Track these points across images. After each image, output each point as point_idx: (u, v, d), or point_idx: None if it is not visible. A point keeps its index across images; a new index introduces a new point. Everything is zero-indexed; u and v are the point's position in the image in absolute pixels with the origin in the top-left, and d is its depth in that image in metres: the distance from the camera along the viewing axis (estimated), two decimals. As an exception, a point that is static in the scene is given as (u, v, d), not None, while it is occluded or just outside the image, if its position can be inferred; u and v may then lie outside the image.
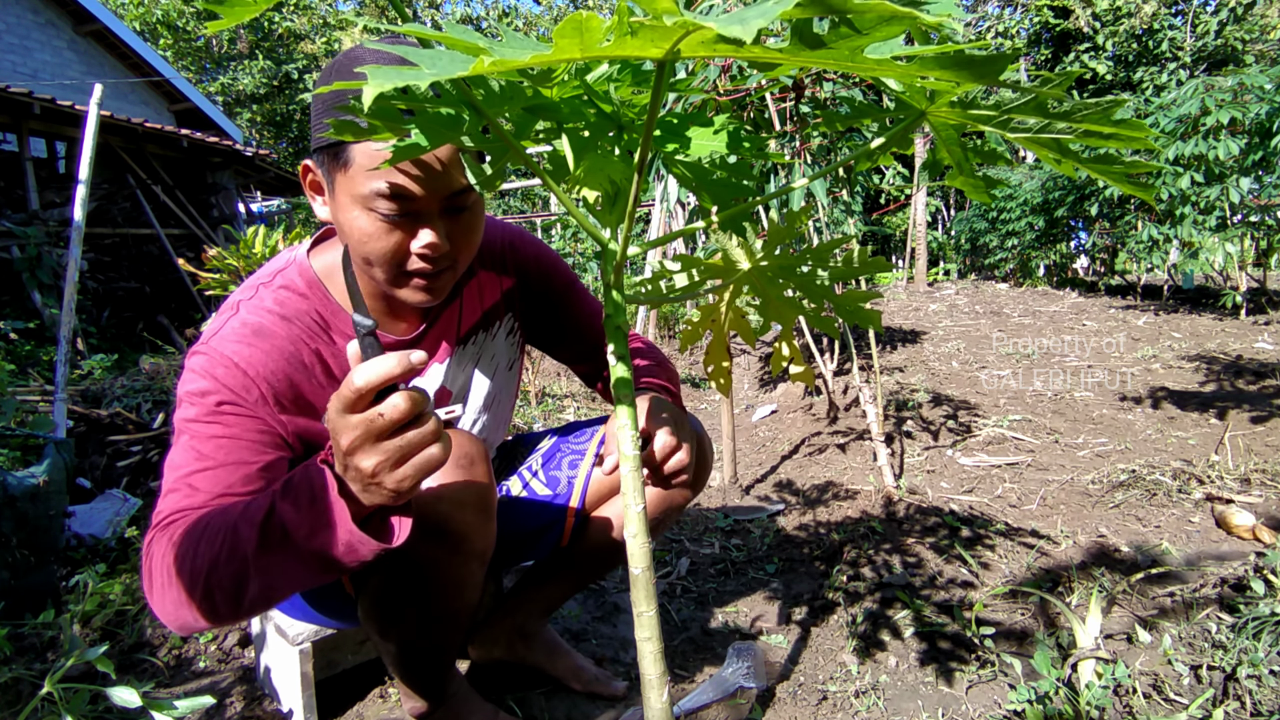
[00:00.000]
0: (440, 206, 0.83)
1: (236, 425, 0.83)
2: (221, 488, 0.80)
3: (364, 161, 0.79)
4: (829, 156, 2.40)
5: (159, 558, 0.76)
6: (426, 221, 0.83)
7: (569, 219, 7.72)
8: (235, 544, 0.71)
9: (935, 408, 3.13)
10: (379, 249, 0.83)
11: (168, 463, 0.83)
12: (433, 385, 1.04)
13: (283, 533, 0.69)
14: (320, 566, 0.70)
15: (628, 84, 0.62)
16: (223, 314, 0.91)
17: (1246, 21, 12.74)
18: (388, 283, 0.87)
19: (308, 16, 19.54)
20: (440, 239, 0.83)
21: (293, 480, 0.72)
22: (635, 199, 0.59)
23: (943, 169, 0.67)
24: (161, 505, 0.81)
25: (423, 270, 0.85)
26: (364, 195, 0.80)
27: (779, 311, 0.79)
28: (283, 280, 0.94)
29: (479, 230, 0.90)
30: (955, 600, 1.55)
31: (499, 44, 0.37)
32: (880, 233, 14.85)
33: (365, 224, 0.82)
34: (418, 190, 0.79)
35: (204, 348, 0.86)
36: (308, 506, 0.69)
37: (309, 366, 0.91)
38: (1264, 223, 5.21)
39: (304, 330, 0.91)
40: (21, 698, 1.32)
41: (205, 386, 0.83)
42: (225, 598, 0.72)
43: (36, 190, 6.50)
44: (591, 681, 1.31)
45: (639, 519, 0.70)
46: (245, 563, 0.70)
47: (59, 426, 2.31)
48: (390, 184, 0.78)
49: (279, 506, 0.70)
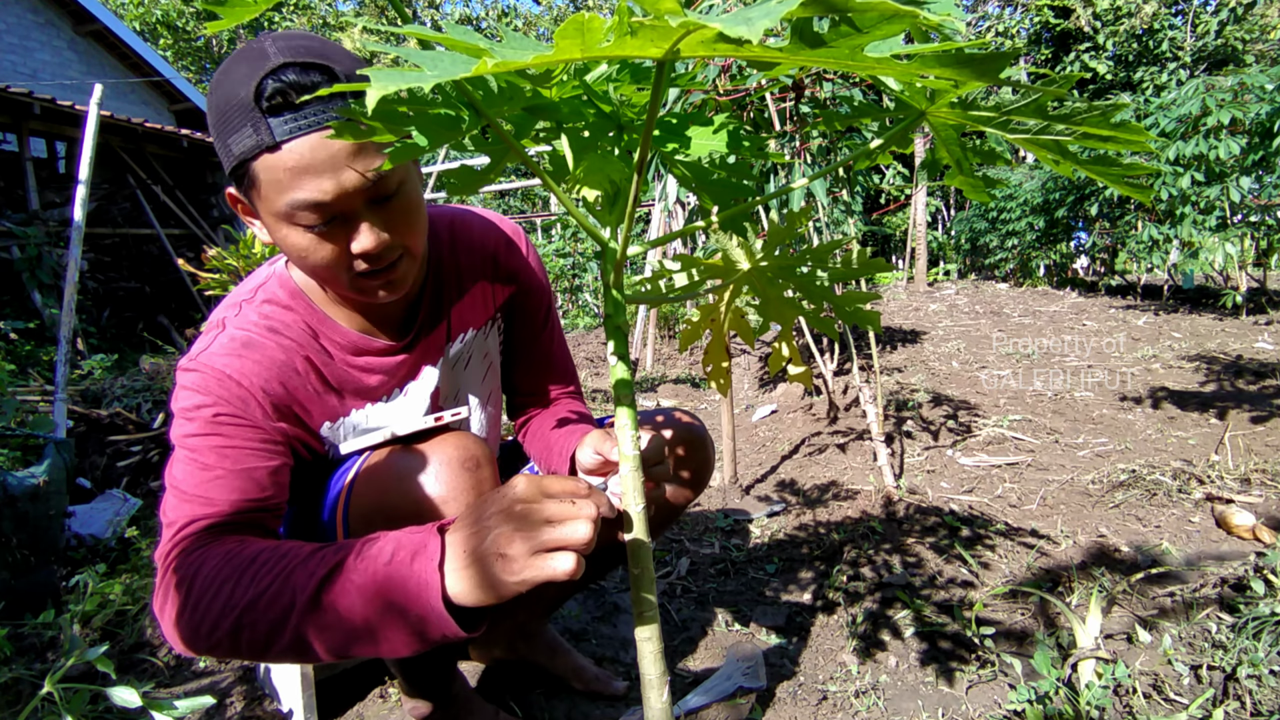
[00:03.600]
0: (362, 202, 0.78)
1: (238, 435, 0.82)
2: (238, 495, 0.79)
3: (268, 178, 0.75)
4: (829, 156, 2.40)
5: (185, 577, 0.71)
6: (356, 222, 0.79)
7: (569, 219, 7.72)
8: (284, 588, 0.67)
9: (935, 408, 3.13)
10: (319, 260, 0.80)
11: (170, 478, 0.81)
12: (427, 388, 1.02)
13: (344, 592, 0.65)
14: (371, 640, 0.65)
15: (627, 83, 0.62)
16: (209, 331, 0.89)
17: (1247, 21, 12.74)
18: (347, 288, 0.84)
19: (307, 17, 19.55)
20: (376, 235, 0.79)
21: (378, 544, 0.67)
22: (635, 199, 0.59)
23: (942, 169, 0.67)
24: (174, 514, 0.78)
25: (375, 269, 0.82)
26: (283, 212, 0.76)
27: (778, 312, 0.79)
28: (265, 295, 0.92)
29: (418, 210, 0.85)
30: (955, 600, 1.55)
31: (500, 45, 0.38)
32: (880, 233, 14.85)
33: (297, 239, 0.78)
34: (328, 196, 0.75)
35: (194, 364, 0.84)
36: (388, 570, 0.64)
37: (302, 374, 0.90)
38: (1264, 223, 5.21)
39: (293, 340, 0.89)
40: (21, 698, 1.32)
41: (201, 400, 0.82)
42: (252, 639, 0.68)
43: (36, 190, 6.51)
44: (592, 681, 1.31)
45: (639, 519, 0.70)
46: (289, 611, 0.66)
47: (59, 426, 2.31)
48: (299, 198, 0.74)
49: (350, 563, 0.66)
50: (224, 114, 0.74)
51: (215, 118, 0.76)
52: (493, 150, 0.62)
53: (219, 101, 0.75)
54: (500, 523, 0.63)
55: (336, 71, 0.74)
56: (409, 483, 0.86)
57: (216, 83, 0.76)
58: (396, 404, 0.99)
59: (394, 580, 0.64)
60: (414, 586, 0.63)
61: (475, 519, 0.65)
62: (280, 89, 0.71)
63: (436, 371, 1.03)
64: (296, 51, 0.73)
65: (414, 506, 0.86)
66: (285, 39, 0.75)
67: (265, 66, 0.72)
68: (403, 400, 1.00)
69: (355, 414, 0.96)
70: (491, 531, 0.63)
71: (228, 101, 0.74)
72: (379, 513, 0.87)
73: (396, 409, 0.99)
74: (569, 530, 0.62)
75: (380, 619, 0.65)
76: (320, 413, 0.92)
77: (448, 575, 0.64)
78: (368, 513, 0.88)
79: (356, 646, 0.66)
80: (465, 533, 0.65)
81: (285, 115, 0.72)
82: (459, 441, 0.90)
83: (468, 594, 0.63)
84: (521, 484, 0.65)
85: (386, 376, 0.97)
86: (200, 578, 0.71)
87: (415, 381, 1.01)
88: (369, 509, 0.88)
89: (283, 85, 0.71)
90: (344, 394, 0.94)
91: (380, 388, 0.97)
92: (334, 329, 0.93)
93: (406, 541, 0.66)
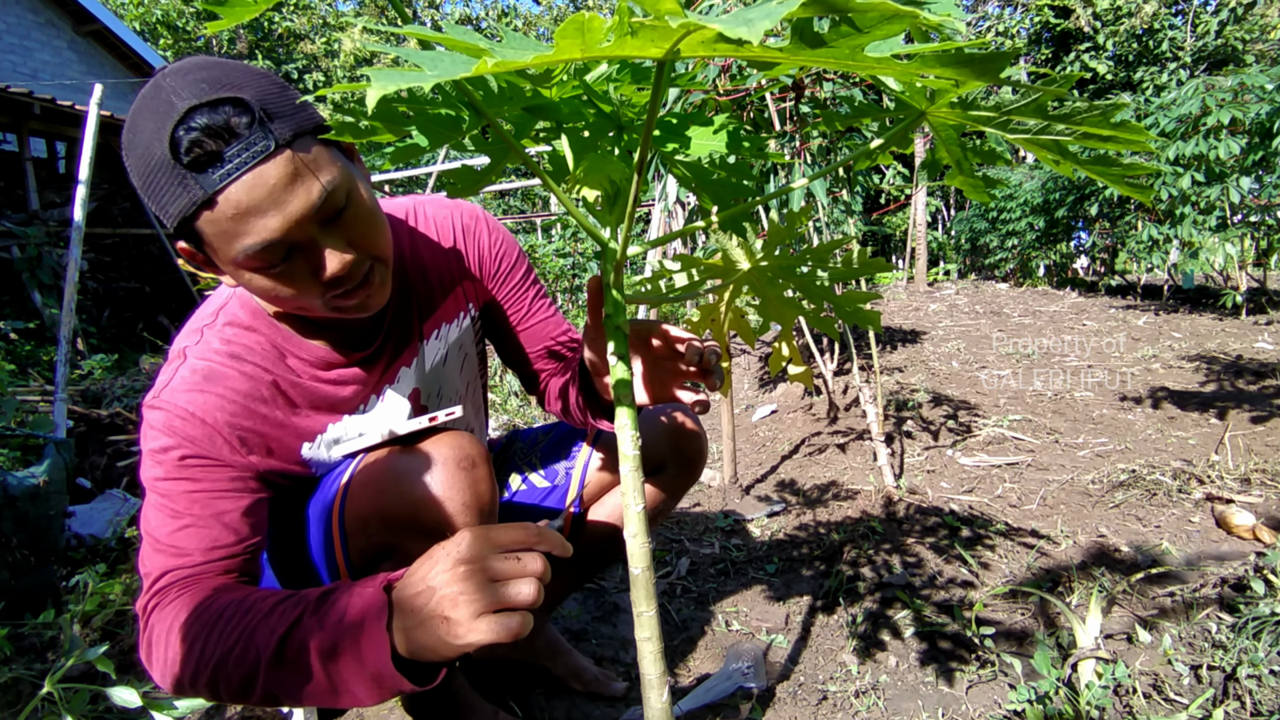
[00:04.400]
0: (316, 226, 0.73)
1: (205, 478, 0.80)
2: (208, 543, 0.78)
3: (212, 231, 0.70)
4: (829, 156, 2.40)
5: (161, 634, 0.73)
6: (315, 248, 0.74)
7: (568, 219, 7.71)
8: (249, 647, 0.68)
9: (935, 408, 3.13)
10: (288, 296, 0.77)
11: (145, 525, 0.80)
12: (405, 389, 1.00)
13: (302, 651, 0.66)
14: (334, 693, 0.67)
15: (627, 82, 0.62)
16: (171, 363, 0.86)
17: (1247, 21, 12.74)
18: (325, 312, 0.81)
19: (307, 17, 19.56)
20: (339, 257, 0.75)
21: (330, 600, 0.68)
22: (635, 199, 0.59)
23: (942, 169, 0.67)
24: (149, 565, 0.78)
25: (349, 288, 0.79)
26: (238, 260, 0.72)
27: (779, 312, 0.79)
28: (226, 317, 0.88)
29: (374, 215, 0.80)
30: (955, 600, 1.55)
31: (501, 45, 0.38)
32: (880, 233, 14.85)
33: (261, 282, 0.75)
34: (278, 234, 0.70)
35: (158, 401, 0.81)
36: (338, 630, 0.66)
37: (269, 400, 0.86)
38: (1264, 223, 5.21)
39: (257, 364, 0.86)
40: (21, 698, 1.32)
41: (167, 443, 0.80)
42: (230, 691, 0.70)
43: (36, 190, 6.51)
44: (592, 681, 1.31)
45: (639, 519, 0.70)
46: (256, 669, 0.68)
47: (59, 426, 2.31)
48: (249, 244, 0.70)
49: (306, 623, 0.67)
50: (146, 176, 0.69)
51: (139, 181, 0.70)
52: (493, 150, 0.62)
53: (137, 164, 0.70)
54: (445, 584, 0.63)
55: (246, 99, 0.68)
56: (405, 484, 0.86)
57: (128, 143, 0.70)
58: (376, 411, 0.97)
59: (346, 641, 0.65)
60: (365, 647, 0.65)
61: (423, 577, 0.65)
62: (196, 139, 0.66)
63: (412, 372, 1.00)
64: (198, 89, 0.67)
65: (410, 508, 0.85)
66: (182, 75, 0.69)
67: (173, 116, 0.66)
68: (382, 406, 0.97)
69: (333, 428, 0.93)
70: (437, 593, 0.63)
71: (146, 163, 0.69)
72: (375, 515, 0.87)
73: (375, 416, 0.97)
74: (513, 592, 0.63)
75: (339, 676, 0.66)
76: (295, 436, 0.89)
77: (395, 635, 0.65)
78: (364, 515, 0.88)
79: (323, 698, 0.68)
80: (412, 592, 0.65)
81: (210, 168, 0.67)
82: (454, 441, 0.89)
83: (416, 654, 0.65)
84: (468, 540, 0.65)
85: (360, 386, 0.94)
86: (173, 635, 0.72)
87: (392, 385, 0.98)
88: (365, 511, 0.87)
89: (197, 134, 0.66)
90: (318, 411, 0.91)
91: (355, 398, 0.94)
92: (300, 346, 0.89)
93: (357, 600, 0.67)
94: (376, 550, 0.90)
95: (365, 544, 0.89)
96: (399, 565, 0.88)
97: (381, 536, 0.88)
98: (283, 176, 0.69)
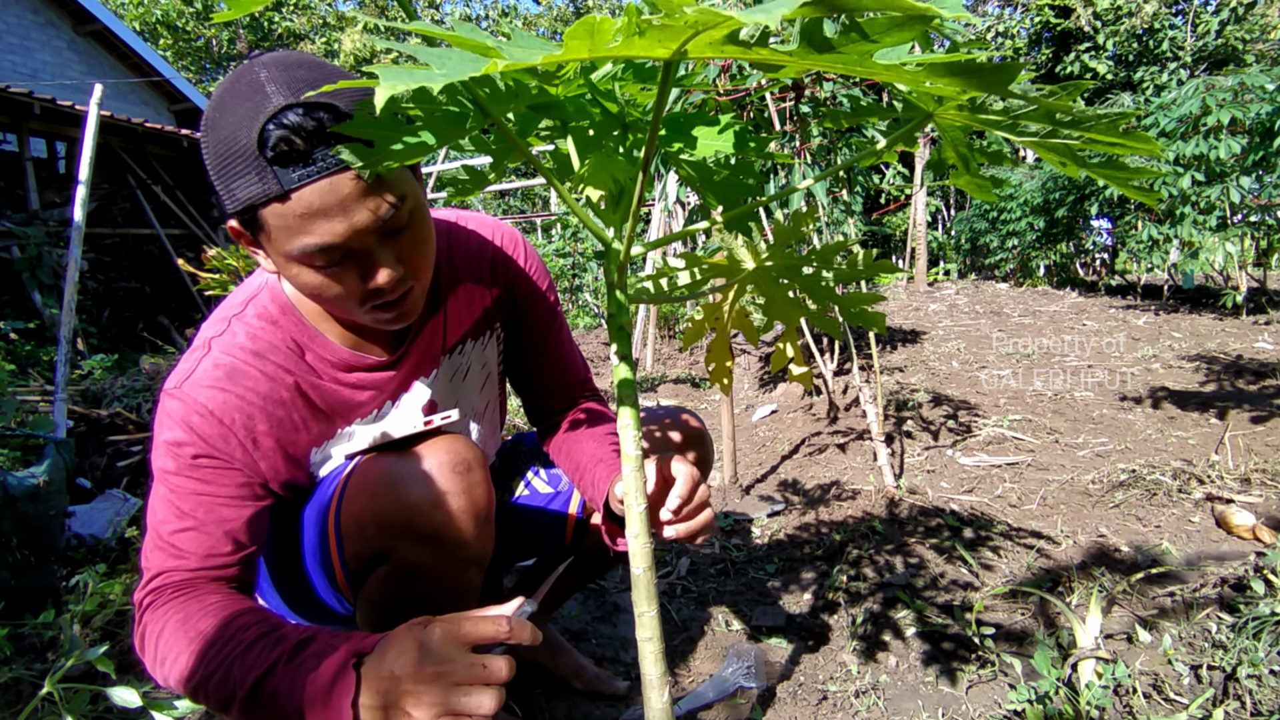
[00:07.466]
0: (375, 238, 0.76)
1: (215, 480, 0.81)
2: (206, 549, 0.80)
3: (277, 223, 0.72)
4: (829, 156, 2.40)
5: (152, 635, 0.76)
6: (369, 257, 0.77)
7: (569, 218, 7.71)
8: (227, 677, 0.70)
9: (935, 408, 3.14)
10: (331, 296, 0.79)
11: (149, 511, 0.82)
12: (419, 400, 0.99)
13: (275, 696, 0.68)
14: None
15: (631, 81, 0.62)
16: (195, 352, 0.86)
17: (1247, 21, 12.74)
18: (359, 316, 0.83)
19: (307, 16, 19.55)
20: (390, 271, 0.78)
21: (304, 654, 0.69)
22: (640, 198, 0.59)
23: (947, 168, 0.67)
24: (149, 560, 0.81)
25: (387, 301, 0.81)
26: (294, 255, 0.74)
27: (783, 311, 0.79)
28: (255, 309, 0.89)
29: (428, 240, 0.83)
30: (956, 600, 1.55)
31: (510, 44, 0.37)
32: (880, 233, 14.85)
33: (310, 279, 0.77)
34: (340, 239, 0.73)
35: (178, 392, 0.82)
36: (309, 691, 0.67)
37: (288, 402, 0.87)
38: (1264, 222, 5.22)
39: (279, 364, 0.87)
40: (22, 698, 1.32)
41: (181, 437, 0.81)
42: (210, 705, 0.74)
43: (36, 190, 6.50)
44: (592, 681, 1.31)
45: (640, 519, 0.70)
46: (232, 698, 0.70)
47: (59, 426, 2.31)
48: (311, 243, 0.73)
49: (280, 672, 0.69)
50: (225, 158, 0.71)
51: (215, 160, 0.72)
52: (495, 149, 0.62)
53: (218, 144, 0.71)
54: (409, 679, 0.64)
55: (341, 108, 0.70)
56: (400, 488, 0.85)
57: (212, 121, 0.72)
58: (388, 418, 0.97)
59: (316, 706, 0.66)
60: (331, 714, 0.66)
61: (390, 663, 0.66)
62: (285, 136, 0.68)
63: (429, 385, 1.00)
64: (296, 87, 0.69)
65: (405, 513, 0.85)
66: (281, 68, 0.71)
67: (266, 109, 0.68)
68: (395, 413, 0.97)
69: (341, 433, 0.93)
70: (400, 685, 0.64)
71: (229, 146, 0.70)
72: (371, 519, 0.86)
73: (385, 425, 0.97)
74: (474, 703, 0.64)
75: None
76: (307, 440, 0.90)
77: (361, 712, 0.65)
78: (359, 519, 0.87)
79: None
80: (377, 675, 0.66)
81: (293, 165, 0.69)
82: (450, 445, 0.88)
83: None
84: (437, 635, 0.66)
85: (376, 391, 0.94)
86: (162, 641, 0.75)
87: (407, 394, 0.98)
88: (360, 515, 0.87)
89: (287, 132, 0.68)
90: (332, 416, 0.92)
91: (369, 403, 0.94)
92: (324, 345, 0.90)
93: (328, 668, 0.67)
94: (372, 554, 0.89)
95: (361, 548, 0.89)
96: (394, 570, 0.88)
97: (377, 541, 0.88)
98: (357, 188, 0.72)
